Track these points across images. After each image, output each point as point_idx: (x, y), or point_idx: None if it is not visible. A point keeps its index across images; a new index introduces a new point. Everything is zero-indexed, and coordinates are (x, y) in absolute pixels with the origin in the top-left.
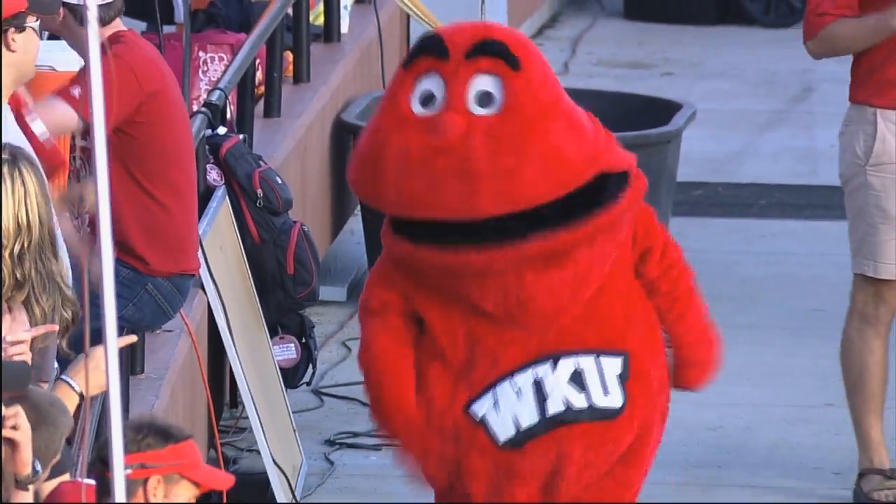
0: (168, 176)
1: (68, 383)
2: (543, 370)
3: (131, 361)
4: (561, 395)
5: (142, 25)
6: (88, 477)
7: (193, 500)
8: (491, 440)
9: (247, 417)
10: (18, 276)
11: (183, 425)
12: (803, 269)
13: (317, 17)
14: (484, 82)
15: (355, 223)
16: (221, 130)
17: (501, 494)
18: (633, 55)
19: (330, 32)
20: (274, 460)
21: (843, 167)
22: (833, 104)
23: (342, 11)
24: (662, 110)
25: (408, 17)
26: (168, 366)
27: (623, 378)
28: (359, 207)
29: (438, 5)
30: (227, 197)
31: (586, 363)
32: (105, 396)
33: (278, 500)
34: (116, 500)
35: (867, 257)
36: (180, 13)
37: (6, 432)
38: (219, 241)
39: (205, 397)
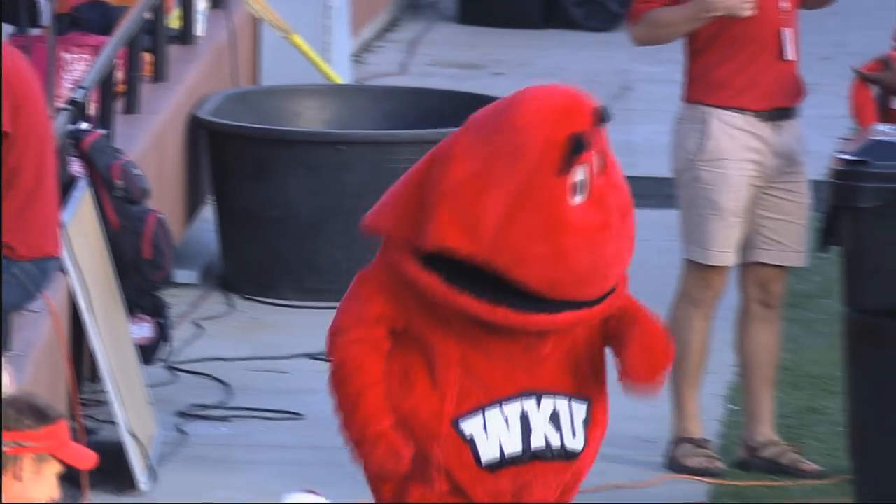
0: (31, 168)
1: None
2: (529, 405)
3: None
4: (542, 431)
5: (9, 28)
6: None
7: (56, 477)
8: (474, 459)
9: (105, 391)
10: None
11: (45, 398)
12: None
13: (174, 20)
14: (581, 174)
15: (207, 211)
16: (84, 126)
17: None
18: (466, 56)
19: (186, 35)
20: (130, 431)
21: (675, 161)
22: (649, 101)
23: (197, 15)
24: None
25: (258, 21)
26: (32, 344)
27: (586, 423)
28: (211, 197)
29: (284, 9)
30: (88, 187)
31: (562, 405)
32: None
33: (134, 468)
34: None
35: (696, 245)
36: (45, 17)
37: None
38: (80, 227)
39: (66, 373)
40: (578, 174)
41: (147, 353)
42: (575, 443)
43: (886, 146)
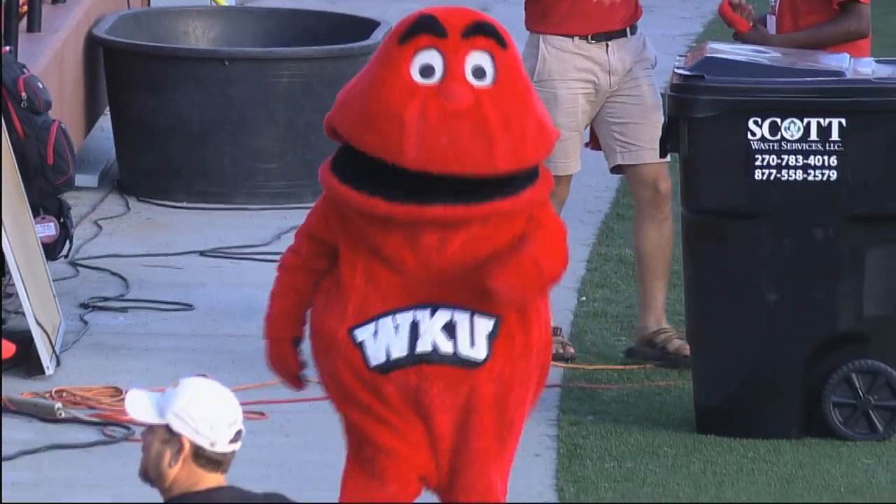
0: None
1: None
2: (422, 314)
3: None
4: (431, 338)
5: None
6: None
7: None
8: (364, 362)
9: (13, 284)
10: None
11: None
12: None
13: None
14: (479, 58)
15: (105, 121)
16: None
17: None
18: None
19: None
20: (37, 320)
21: None
22: (505, 21)
23: None
24: (363, 27)
25: None
26: None
27: (491, 337)
28: (108, 108)
29: None
30: None
31: (460, 317)
32: None
33: (41, 354)
34: None
35: None
36: None
37: None
38: None
39: None
40: (425, 57)
41: (51, 250)
42: (474, 352)
43: (720, 62)
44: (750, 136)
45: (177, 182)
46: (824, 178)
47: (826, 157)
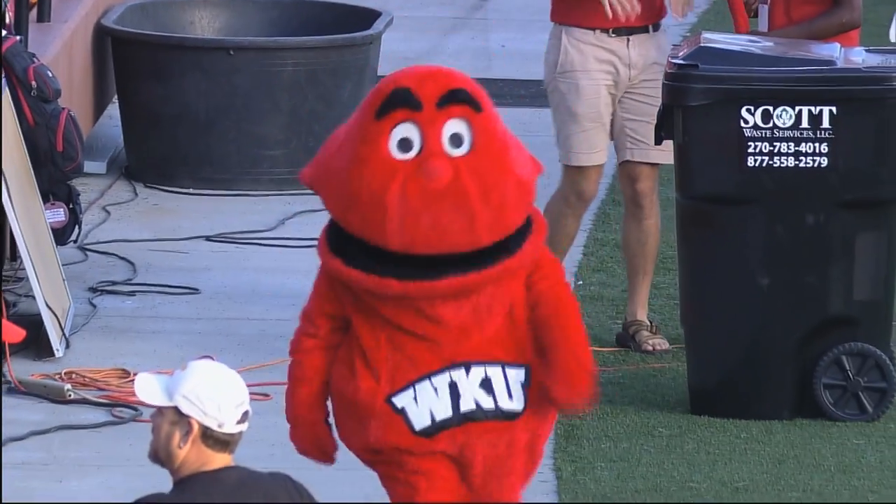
0: None
1: None
2: (457, 374)
3: None
4: (472, 396)
5: None
6: None
7: None
8: (408, 427)
9: (24, 269)
10: None
11: None
12: None
13: None
14: (455, 126)
15: (113, 109)
16: (3, 33)
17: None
18: None
19: None
20: (47, 304)
21: (544, 75)
22: (503, 12)
23: None
24: (365, 16)
25: None
26: None
27: (525, 386)
28: (116, 97)
29: None
30: (6, 88)
31: (493, 372)
32: None
33: (50, 336)
34: None
35: (562, 149)
36: None
37: None
38: (0, 123)
39: None
40: (402, 131)
41: (60, 235)
42: (512, 404)
43: (713, 52)
44: (743, 124)
45: (183, 169)
46: (815, 165)
47: (817, 145)
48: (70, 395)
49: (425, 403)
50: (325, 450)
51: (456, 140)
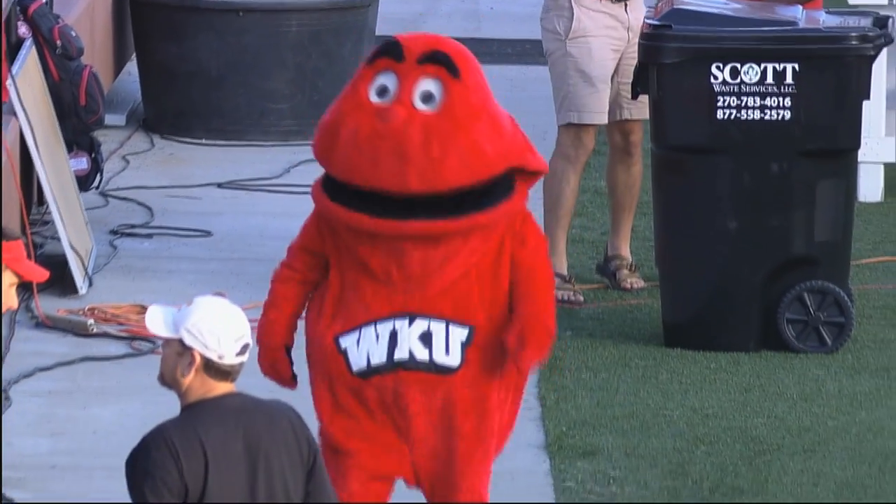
0: None
1: None
2: (401, 324)
3: None
4: (408, 346)
5: None
6: None
7: (13, 287)
8: (347, 368)
9: (50, 213)
10: None
11: (4, 222)
12: None
13: None
14: (428, 84)
15: (132, 66)
16: None
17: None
18: None
19: None
20: (71, 245)
21: (546, 44)
22: None
23: None
24: None
25: None
26: None
27: (465, 345)
28: (134, 55)
29: None
30: (33, 46)
31: (436, 327)
32: None
33: (75, 276)
34: None
35: (571, 109)
36: None
37: None
38: (27, 80)
39: (18, 197)
40: (382, 79)
41: (84, 182)
42: (448, 359)
43: (685, 13)
44: (712, 80)
45: (196, 121)
46: (779, 118)
47: (781, 99)
48: (93, 329)
49: (365, 347)
50: (281, 376)
51: (426, 97)
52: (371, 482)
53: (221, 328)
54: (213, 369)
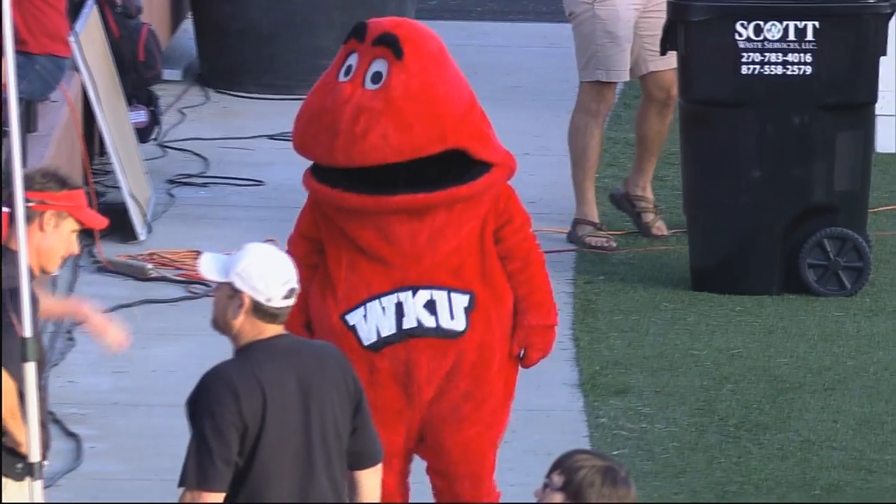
0: None
1: None
2: (405, 296)
3: (27, 122)
4: (415, 315)
5: None
6: (5, 206)
7: (75, 233)
8: (358, 342)
9: (111, 163)
10: None
11: (67, 171)
12: (508, 57)
13: None
14: (379, 65)
15: (188, 24)
16: None
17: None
18: None
19: None
20: (131, 194)
21: (571, 6)
22: None
23: None
24: None
25: None
26: (54, 126)
27: (468, 310)
28: (190, 13)
29: None
30: (95, 6)
31: (439, 295)
32: (9, 148)
33: (134, 223)
34: (19, 224)
35: (599, 68)
36: None
37: None
38: (89, 37)
39: (81, 148)
40: (350, 59)
41: (143, 134)
42: (453, 324)
43: None
44: (737, 37)
45: (249, 76)
46: (800, 73)
47: (802, 55)
48: (151, 274)
49: (373, 321)
50: None
51: (376, 77)
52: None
53: (269, 272)
54: (261, 311)
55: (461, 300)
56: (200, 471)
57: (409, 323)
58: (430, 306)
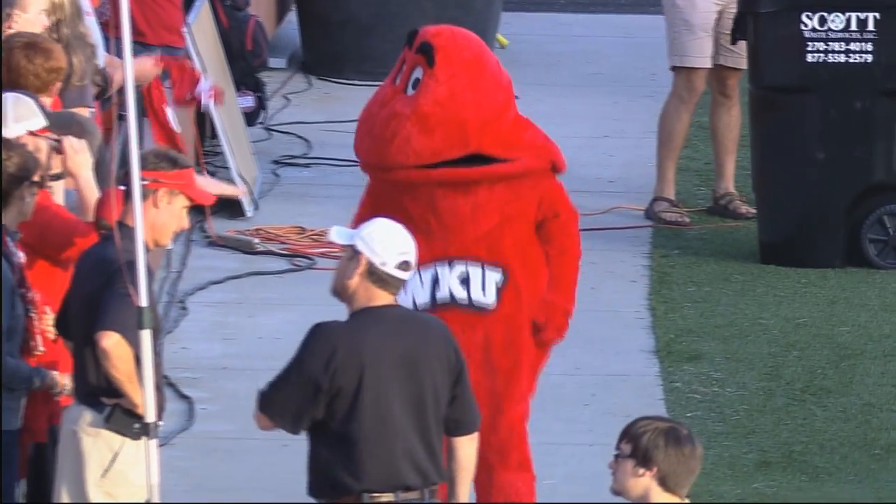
0: None
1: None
2: (442, 269)
3: (143, 107)
4: (448, 287)
5: None
6: (119, 185)
7: (186, 209)
8: None
9: (221, 145)
10: (57, 38)
11: (178, 151)
12: (588, 46)
13: None
14: (418, 72)
15: (292, 15)
16: None
17: None
18: None
19: None
20: (239, 174)
21: None
22: None
23: None
24: None
25: None
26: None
27: (500, 286)
28: (294, 4)
29: None
30: None
31: (473, 270)
32: (126, 129)
33: (242, 200)
34: (135, 201)
35: (675, 53)
36: None
37: (70, 162)
38: (201, 27)
39: (192, 131)
40: (403, 67)
41: (250, 118)
42: (485, 299)
43: None
44: (803, 27)
45: (349, 64)
46: (862, 61)
47: (863, 44)
48: (258, 248)
49: (411, 291)
50: None
51: (415, 84)
52: None
53: (389, 240)
54: (374, 275)
55: (494, 276)
56: (273, 403)
57: (442, 294)
58: (464, 280)
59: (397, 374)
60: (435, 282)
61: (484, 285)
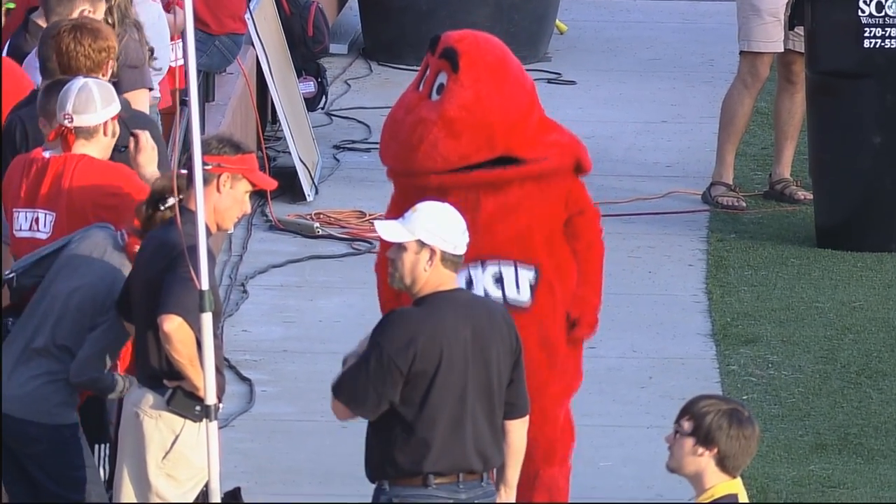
0: None
1: None
2: (475, 270)
3: (206, 93)
4: (483, 286)
5: None
6: (183, 169)
7: (247, 194)
8: None
9: (282, 130)
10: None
11: (242, 137)
12: (647, 32)
13: None
14: (441, 77)
15: (353, 2)
16: None
17: None
18: None
19: None
20: (300, 158)
21: None
22: None
23: None
24: None
25: None
26: (230, 96)
27: (533, 284)
28: None
29: None
30: None
31: (506, 269)
32: (188, 116)
33: (303, 184)
34: (197, 185)
35: (743, 38)
36: None
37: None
38: (263, 14)
39: (254, 117)
40: (426, 72)
41: (311, 103)
42: (518, 296)
43: None
44: (860, 13)
45: (409, 49)
46: None
47: None
48: (318, 231)
49: None
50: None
51: (440, 89)
52: None
53: (450, 223)
54: (448, 260)
55: (527, 274)
56: (352, 391)
57: (476, 293)
58: (498, 279)
59: (469, 356)
60: (469, 283)
61: (518, 284)
